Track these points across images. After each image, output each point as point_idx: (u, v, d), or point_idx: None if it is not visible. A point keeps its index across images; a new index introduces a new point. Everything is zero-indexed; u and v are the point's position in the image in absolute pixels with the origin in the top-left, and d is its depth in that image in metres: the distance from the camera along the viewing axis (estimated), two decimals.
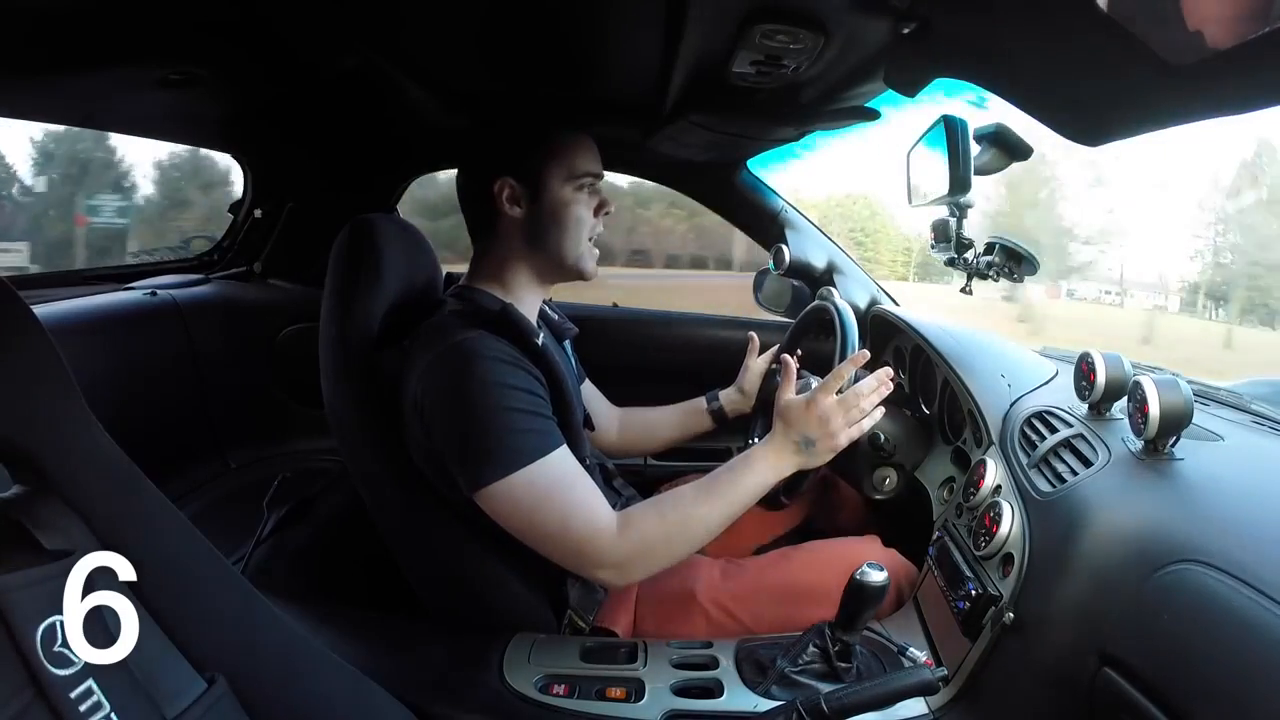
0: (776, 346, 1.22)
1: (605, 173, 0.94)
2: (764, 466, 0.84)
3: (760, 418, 1.20)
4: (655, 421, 1.23)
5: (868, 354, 0.88)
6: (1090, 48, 0.42)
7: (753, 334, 1.22)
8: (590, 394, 1.19)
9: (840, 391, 0.85)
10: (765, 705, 0.72)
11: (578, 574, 0.82)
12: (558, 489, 0.78)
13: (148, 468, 0.50)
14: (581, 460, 0.84)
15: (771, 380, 1.18)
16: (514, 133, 0.91)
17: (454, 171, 0.98)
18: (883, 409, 0.87)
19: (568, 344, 1.07)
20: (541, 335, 0.86)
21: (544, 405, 0.81)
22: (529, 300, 0.93)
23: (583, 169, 0.90)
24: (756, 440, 1.17)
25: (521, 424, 0.77)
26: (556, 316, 1.05)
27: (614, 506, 0.81)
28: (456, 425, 0.78)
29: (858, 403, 0.85)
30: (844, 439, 0.84)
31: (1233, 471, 0.69)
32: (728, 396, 1.21)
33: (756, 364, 1.20)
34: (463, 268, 0.98)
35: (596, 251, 0.94)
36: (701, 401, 1.22)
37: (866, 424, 0.86)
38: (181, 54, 0.87)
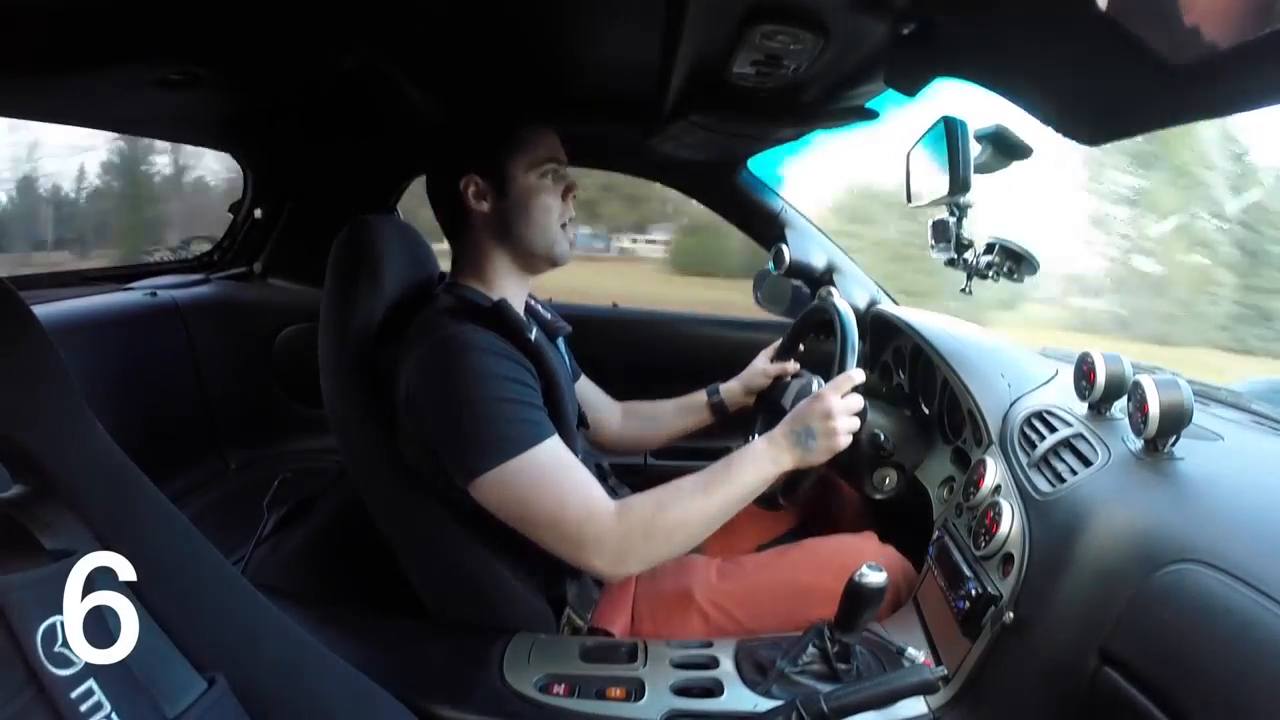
0: (778, 343, 1.22)
1: (601, 170, 0.94)
2: (764, 458, 0.84)
3: (761, 416, 1.20)
4: (656, 415, 1.23)
5: (864, 374, 0.90)
6: (1090, 48, 0.42)
7: (774, 346, 1.22)
8: (589, 389, 1.19)
9: (844, 396, 0.86)
10: (765, 705, 0.72)
11: (573, 565, 0.81)
12: (552, 476, 0.78)
13: (148, 468, 0.50)
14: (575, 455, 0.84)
15: (778, 384, 1.18)
16: (474, 130, 0.92)
17: None
18: (857, 420, 0.88)
19: (561, 342, 1.07)
20: (534, 331, 0.86)
21: (535, 396, 0.82)
22: (514, 293, 0.93)
23: (545, 156, 0.90)
24: (756, 438, 1.17)
25: (513, 413, 0.77)
26: (549, 315, 1.05)
27: None
28: (448, 417, 0.78)
29: (855, 408, 0.86)
30: (842, 440, 0.85)
31: (1233, 471, 0.69)
32: (729, 390, 1.21)
33: (763, 364, 1.20)
34: None
35: (572, 235, 0.94)
36: (702, 395, 1.22)
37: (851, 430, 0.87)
38: (181, 54, 0.87)
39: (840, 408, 0.85)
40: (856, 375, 0.88)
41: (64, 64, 0.81)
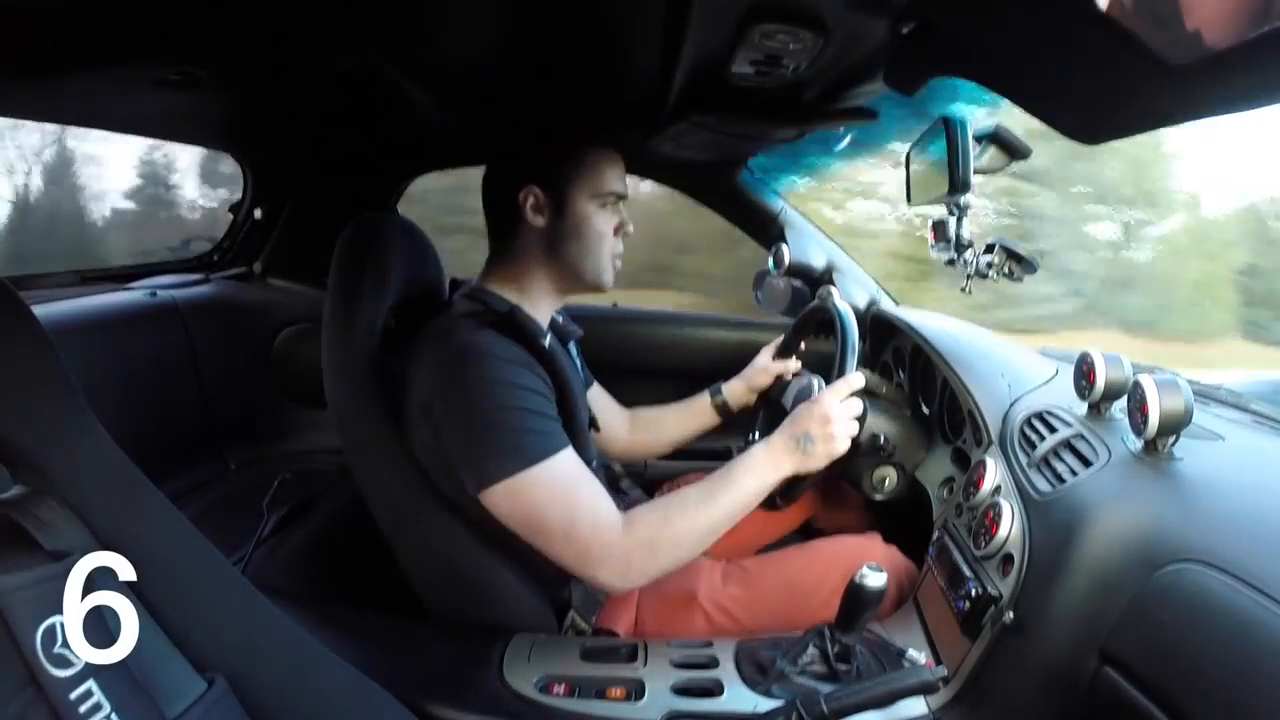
0: (780, 339, 1.22)
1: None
2: (764, 465, 0.84)
3: (762, 415, 1.20)
4: (662, 420, 1.23)
5: (863, 378, 0.90)
6: (1089, 47, 0.42)
7: (776, 342, 1.23)
8: (599, 396, 1.19)
9: (843, 401, 0.86)
10: (765, 705, 0.72)
11: (579, 577, 0.82)
12: (563, 489, 0.78)
13: (148, 468, 0.50)
14: (587, 463, 0.84)
15: (779, 383, 1.19)
16: (545, 143, 0.91)
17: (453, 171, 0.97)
18: (856, 425, 0.88)
19: (573, 346, 1.07)
20: (548, 338, 0.86)
21: (550, 406, 0.82)
22: (544, 306, 0.93)
23: (609, 188, 0.90)
24: (756, 438, 1.17)
25: (528, 423, 0.77)
26: (560, 319, 1.05)
27: (620, 508, 0.81)
28: (463, 424, 0.78)
29: (853, 413, 0.87)
30: (840, 446, 0.85)
31: (1233, 471, 0.69)
32: (731, 390, 1.21)
33: (765, 361, 1.20)
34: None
35: (618, 264, 0.94)
36: (705, 397, 1.22)
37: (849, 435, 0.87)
38: (181, 54, 0.87)
39: (839, 413, 0.85)
40: (855, 380, 0.88)
41: (64, 64, 0.81)
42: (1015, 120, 1.04)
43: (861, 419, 0.91)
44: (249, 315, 1.60)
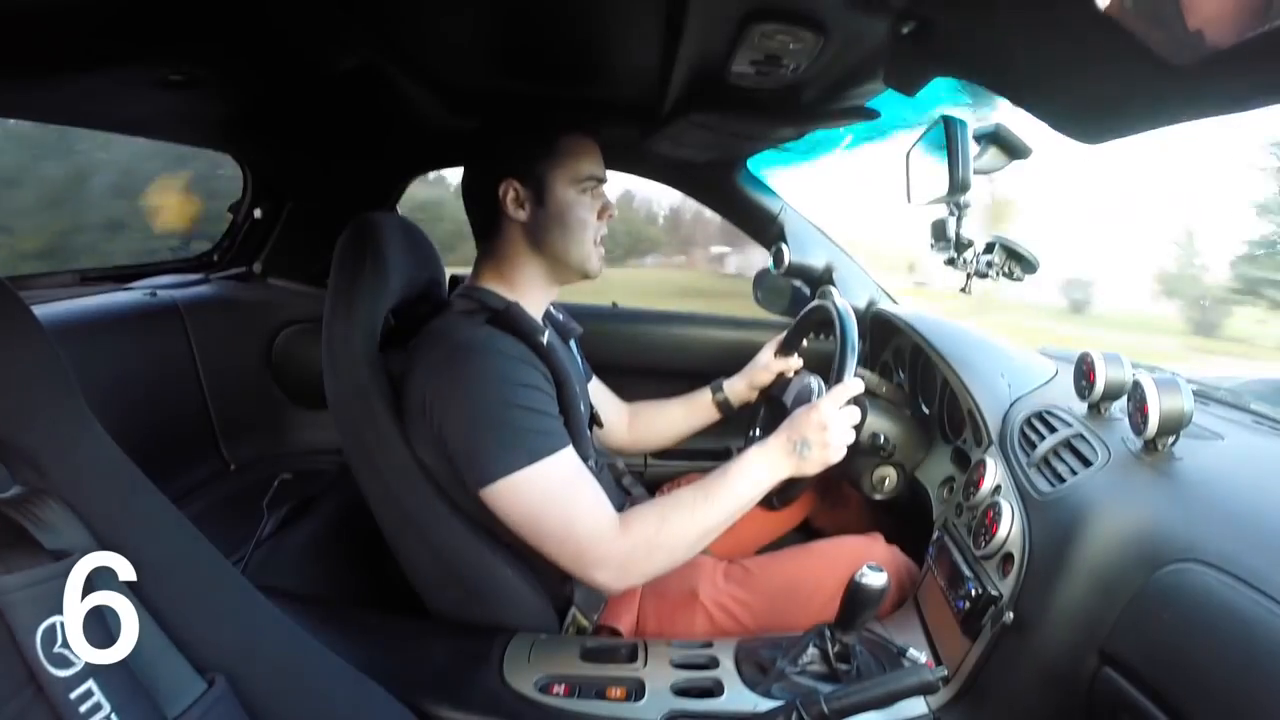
0: (782, 336, 1.22)
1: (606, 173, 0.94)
2: (760, 467, 0.84)
3: (764, 411, 1.20)
4: (663, 414, 1.24)
5: (861, 385, 0.90)
6: (1090, 47, 0.42)
7: (778, 339, 1.23)
8: (599, 391, 1.19)
9: (841, 408, 0.86)
10: (765, 705, 0.72)
11: (576, 578, 0.82)
12: (563, 489, 0.78)
13: (147, 468, 0.50)
14: (586, 458, 0.84)
15: (780, 381, 1.19)
16: (519, 136, 0.91)
17: (453, 171, 0.98)
18: (853, 433, 0.88)
19: (573, 343, 1.07)
20: (547, 334, 0.87)
21: (550, 404, 0.82)
22: (537, 299, 0.93)
23: (586, 172, 0.90)
24: (758, 435, 1.18)
25: (528, 422, 0.78)
26: (561, 316, 1.06)
27: (622, 506, 0.82)
28: (464, 421, 0.78)
29: (851, 421, 0.87)
30: (836, 453, 0.85)
31: (1232, 471, 0.69)
32: (732, 386, 1.22)
33: (766, 359, 1.21)
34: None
35: (602, 250, 0.94)
36: (707, 393, 1.23)
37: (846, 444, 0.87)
38: (181, 54, 0.87)
39: (836, 420, 0.85)
40: (854, 386, 0.88)
41: (64, 64, 0.81)
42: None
43: (861, 420, 0.91)
44: (249, 315, 1.60)
